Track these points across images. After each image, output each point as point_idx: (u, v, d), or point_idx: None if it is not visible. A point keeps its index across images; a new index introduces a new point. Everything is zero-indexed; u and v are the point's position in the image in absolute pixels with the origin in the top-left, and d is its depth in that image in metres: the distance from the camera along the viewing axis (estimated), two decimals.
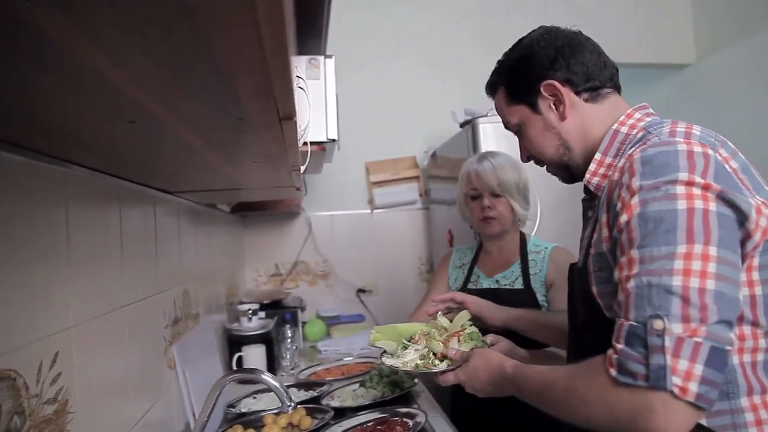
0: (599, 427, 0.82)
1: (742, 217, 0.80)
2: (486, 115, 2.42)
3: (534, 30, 1.11)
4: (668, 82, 3.58)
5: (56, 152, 0.79)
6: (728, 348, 0.74)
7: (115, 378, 1.05)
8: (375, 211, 3.12)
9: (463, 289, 1.80)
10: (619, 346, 0.78)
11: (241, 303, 2.22)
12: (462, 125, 2.57)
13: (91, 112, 0.58)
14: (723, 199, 0.79)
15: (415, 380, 1.84)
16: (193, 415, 1.40)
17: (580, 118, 1.03)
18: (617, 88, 1.06)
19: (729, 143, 0.90)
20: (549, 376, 0.93)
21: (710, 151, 0.83)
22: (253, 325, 2.08)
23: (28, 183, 0.77)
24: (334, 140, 1.63)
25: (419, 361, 1.28)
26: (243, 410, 1.71)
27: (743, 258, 0.82)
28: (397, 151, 3.14)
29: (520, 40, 1.12)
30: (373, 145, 3.11)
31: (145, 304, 1.23)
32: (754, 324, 0.85)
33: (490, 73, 1.16)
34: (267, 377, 0.99)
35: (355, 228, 3.11)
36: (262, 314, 2.21)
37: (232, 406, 1.74)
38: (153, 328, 1.29)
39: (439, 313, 1.49)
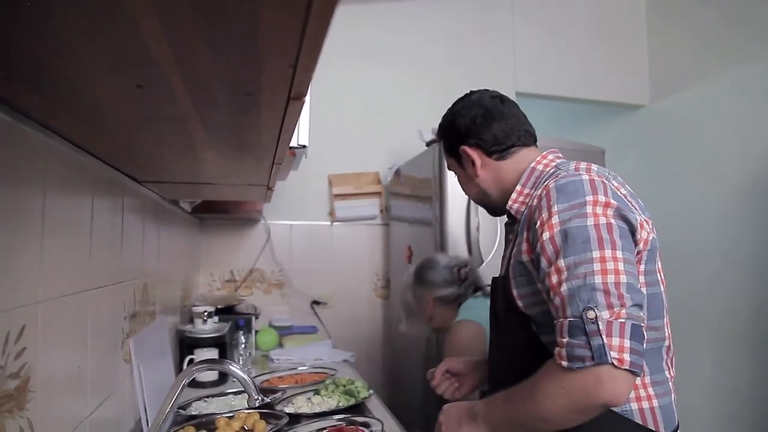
0: (561, 419, 0.94)
1: (632, 229, 1.02)
2: None
3: (466, 94, 1.32)
4: (622, 121, 3.74)
5: (42, 114, 0.77)
6: (642, 325, 0.92)
7: (75, 362, 1.01)
8: (335, 223, 3.12)
9: None
10: (564, 339, 0.93)
11: (195, 306, 2.17)
12: (428, 144, 2.61)
13: (101, 68, 0.56)
14: (619, 215, 1.00)
15: (370, 391, 1.84)
16: (145, 411, 1.35)
17: (494, 172, 1.26)
18: (529, 142, 1.26)
19: (618, 177, 1.14)
20: (512, 389, 1.05)
21: (606, 181, 1.06)
22: (208, 327, 2.02)
23: (12, 146, 0.75)
24: (304, 146, 1.63)
25: None
26: (194, 413, 1.66)
27: None
28: (360, 165, 3.15)
29: (453, 104, 1.32)
30: (338, 158, 3.11)
31: (109, 291, 1.19)
32: None
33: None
34: (235, 368, 0.97)
35: (313, 239, 3.09)
36: (215, 318, 2.16)
37: (182, 408, 1.68)
38: (113, 318, 1.25)
39: None
